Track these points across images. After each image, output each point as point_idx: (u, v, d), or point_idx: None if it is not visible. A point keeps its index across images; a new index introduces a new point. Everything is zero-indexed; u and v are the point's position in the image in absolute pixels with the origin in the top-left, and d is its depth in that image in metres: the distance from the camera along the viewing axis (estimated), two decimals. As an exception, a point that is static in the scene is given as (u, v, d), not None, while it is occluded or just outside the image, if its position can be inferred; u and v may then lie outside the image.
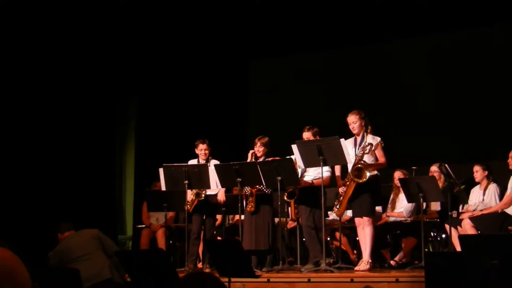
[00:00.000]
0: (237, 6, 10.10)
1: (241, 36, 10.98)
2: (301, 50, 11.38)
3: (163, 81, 11.70)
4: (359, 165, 7.20)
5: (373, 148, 7.32)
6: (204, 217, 8.50)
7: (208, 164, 8.32)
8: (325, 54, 11.43)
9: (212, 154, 8.62)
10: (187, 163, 8.44)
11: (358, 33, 10.64)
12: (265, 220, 7.89)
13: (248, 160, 8.02)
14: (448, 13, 9.90)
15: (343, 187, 7.42)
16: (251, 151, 8.09)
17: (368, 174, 7.16)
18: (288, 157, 7.64)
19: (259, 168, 7.62)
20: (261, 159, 8.07)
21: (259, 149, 8.08)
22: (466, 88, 10.36)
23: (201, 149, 8.52)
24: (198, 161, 8.53)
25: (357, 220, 7.53)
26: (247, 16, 10.38)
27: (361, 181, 7.19)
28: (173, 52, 11.37)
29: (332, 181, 7.90)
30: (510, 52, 10.12)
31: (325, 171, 7.50)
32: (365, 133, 7.45)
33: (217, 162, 8.38)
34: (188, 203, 8.32)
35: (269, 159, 7.88)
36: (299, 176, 7.79)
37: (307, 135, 7.81)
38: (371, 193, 7.41)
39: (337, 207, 7.51)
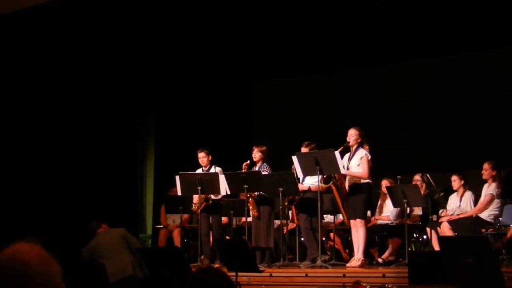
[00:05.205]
0: (247, 31, 10.29)
1: (248, 59, 11.19)
2: (301, 72, 11.56)
3: (179, 101, 11.88)
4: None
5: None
6: (211, 219, 8.54)
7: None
8: (321, 77, 11.61)
9: (222, 164, 8.66)
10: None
11: (351, 58, 10.81)
12: (264, 220, 7.99)
13: (242, 170, 8.10)
14: (430, 41, 10.11)
15: None
16: (244, 164, 8.20)
17: (330, 182, 7.45)
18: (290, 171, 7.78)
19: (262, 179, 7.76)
20: (258, 164, 8.19)
21: (255, 154, 8.18)
22: (444, 107, 10.43)
23: (199, 157, 8.57)
24: (202, 170, 8.57)
25: (352, 222, 7.59)
26: (255, 41, 10.58)
27: (325, 185, 7.46)
28: (188, 74, 11.60)
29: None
30: (482, 76, 10.30)
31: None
32: (359, 147, 7.53)
33: (219, 168, 8.51)
34: (195, 205, 8.40)
35: (265, 171, 8.03)
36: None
37: (305, 150, 7.90)
38: (364, 198, 7.49)
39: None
